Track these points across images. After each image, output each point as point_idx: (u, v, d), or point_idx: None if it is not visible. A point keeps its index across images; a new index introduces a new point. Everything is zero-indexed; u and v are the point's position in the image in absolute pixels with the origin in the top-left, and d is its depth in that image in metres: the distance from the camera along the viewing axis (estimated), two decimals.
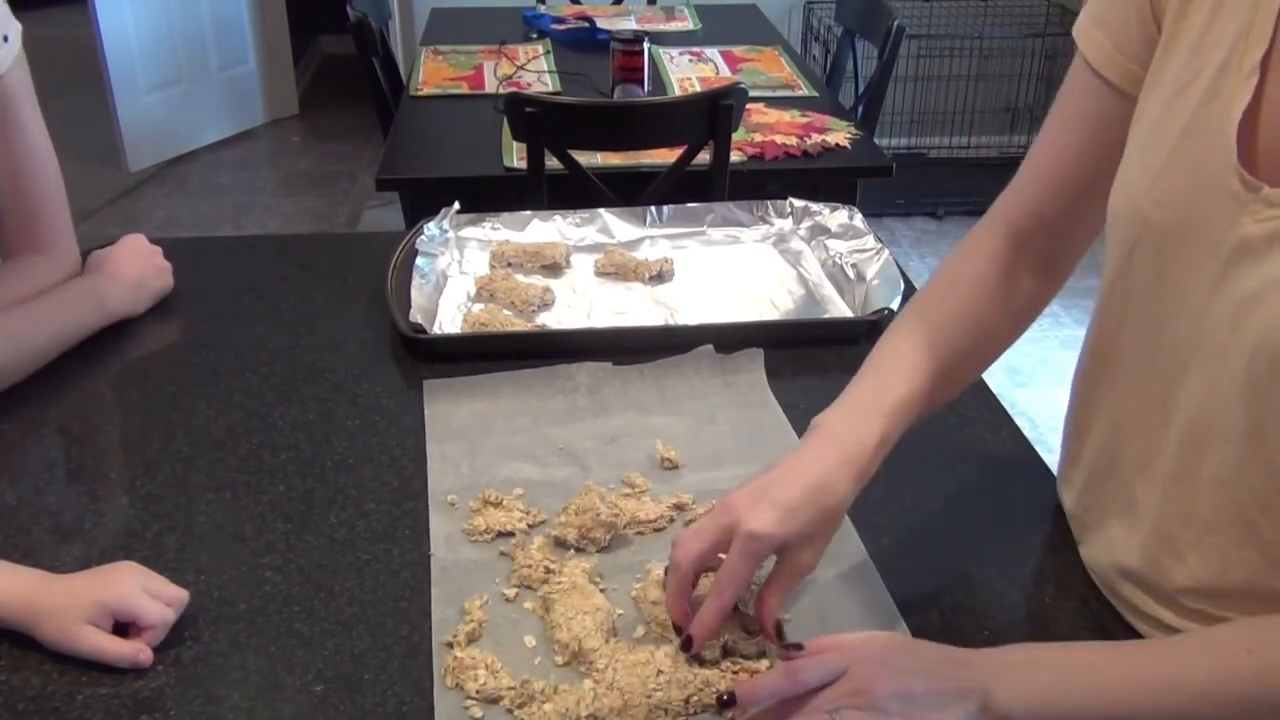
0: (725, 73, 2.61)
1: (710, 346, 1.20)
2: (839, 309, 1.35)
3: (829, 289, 1.39)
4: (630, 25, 2.94)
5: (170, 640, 0.83)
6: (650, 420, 1.11)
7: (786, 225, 1.52)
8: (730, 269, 1.44)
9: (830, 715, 0.70)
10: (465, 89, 2.49)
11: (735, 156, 2.03)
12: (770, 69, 2.64)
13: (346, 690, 0.80)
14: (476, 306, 1.33)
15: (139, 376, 1.20)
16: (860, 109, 2.68)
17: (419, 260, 1.34)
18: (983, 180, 4.22)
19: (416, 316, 1.23)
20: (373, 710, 0.78)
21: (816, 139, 2.16)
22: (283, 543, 0.95)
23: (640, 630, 0.85)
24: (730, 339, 1.22)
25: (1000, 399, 1.17)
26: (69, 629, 0.81)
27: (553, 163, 1.93)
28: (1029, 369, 3.07)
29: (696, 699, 0.77)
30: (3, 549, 0.92)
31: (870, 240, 1.40)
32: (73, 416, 1.14)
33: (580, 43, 2.82)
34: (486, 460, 1.05)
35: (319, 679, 0.81)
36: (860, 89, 2.84)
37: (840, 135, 2.19)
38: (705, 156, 1.98)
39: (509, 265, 1.42)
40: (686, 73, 2.59)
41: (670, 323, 1.32)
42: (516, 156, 2.05)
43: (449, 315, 1.31)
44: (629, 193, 1.88)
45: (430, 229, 1.41)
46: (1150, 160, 0.77)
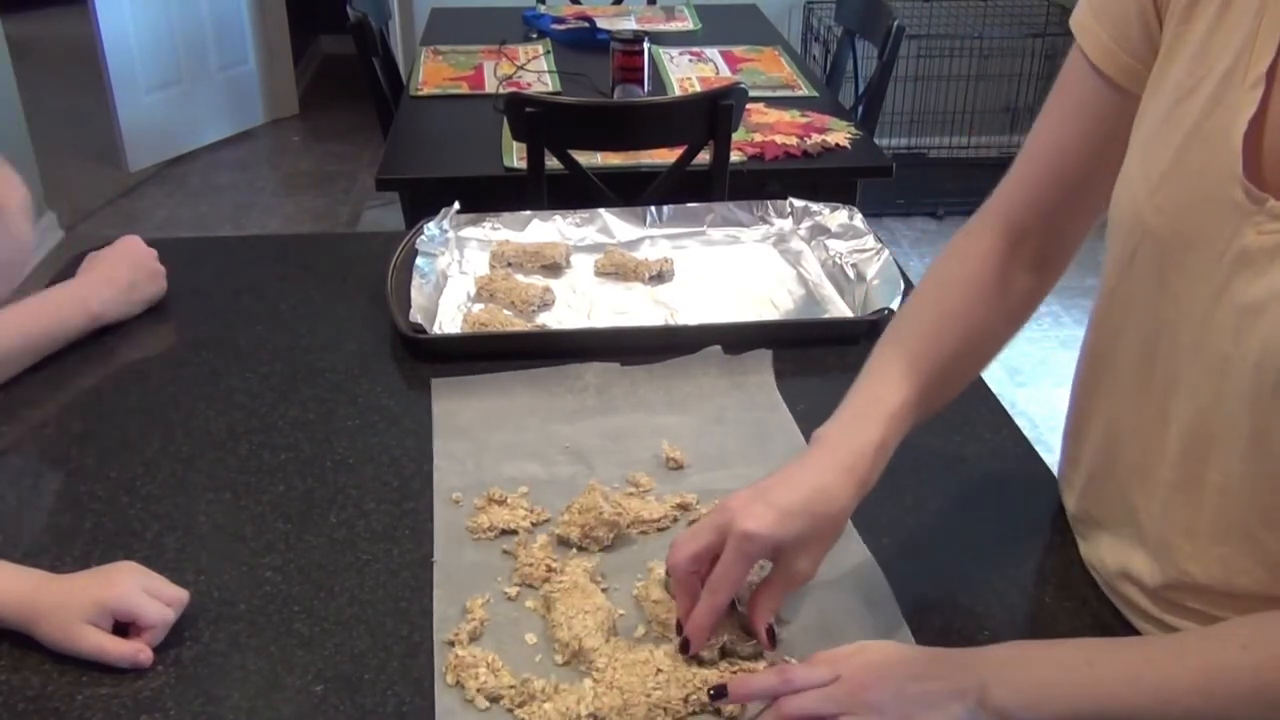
0: (725, 73, 2.61)
1: (719, 347, 1.20)
2: (839, 309, 1.35)
3: (829, 289, 1.39)
4: (630, 25, 2.94)
5: (170, 640, 0.83)
6: (657, 420, 1.11)
7: (786, 225, 1.52)
8: (730, 269, 1.44)
9: None
10: (465, 89, 2.49)
11: (735, 156, 2.03)
12: (770, 69, 2.64)
13: (346, 690, 0.80)
14: (476, 306, 1.33)
15: (139, 377, 1.20)
16: (860, 109, 2.68)
17: (419, 260, 1.34)
18: (983, 180, 4.20)
19: (416, 316, 1.23)
20: (373, 710, 0.78)
21: (816, 139, 2.16)
22: (283, 543, 0.95)
23: (640, 630, 0.85)
24: (730, 339, 1.22)
25: (1000, 399, 1.17)
26: (69, 629, 0.81)
27: (553, 163, 1.93)
28: (1029, 369, 3.07)
29: (696, 698, 0.77)
30: (3, 549, 0.92)
31: (870, 240, 1.40)
32: (73, 416, 1.14)
33: (580, 43, 2.82)
34: (492, 458, 1.05)
35: (319, 679, 0.81)
36: (860, 89, 2.84)
37: (840, 135, 2.19)
38: (705, 156, 1.98)
39: (509, 265, 1.42)
40: (686, 73, 2.59)
41: (670, 323, 1.32)
42: (516, 156, 2.05)
43: (449, 315, 1.31)
44: (629, 193, 1.88)
45: (430, 229, 1.41)
46: (1151, 167, 0.76)
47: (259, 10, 4.77)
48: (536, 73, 2.59)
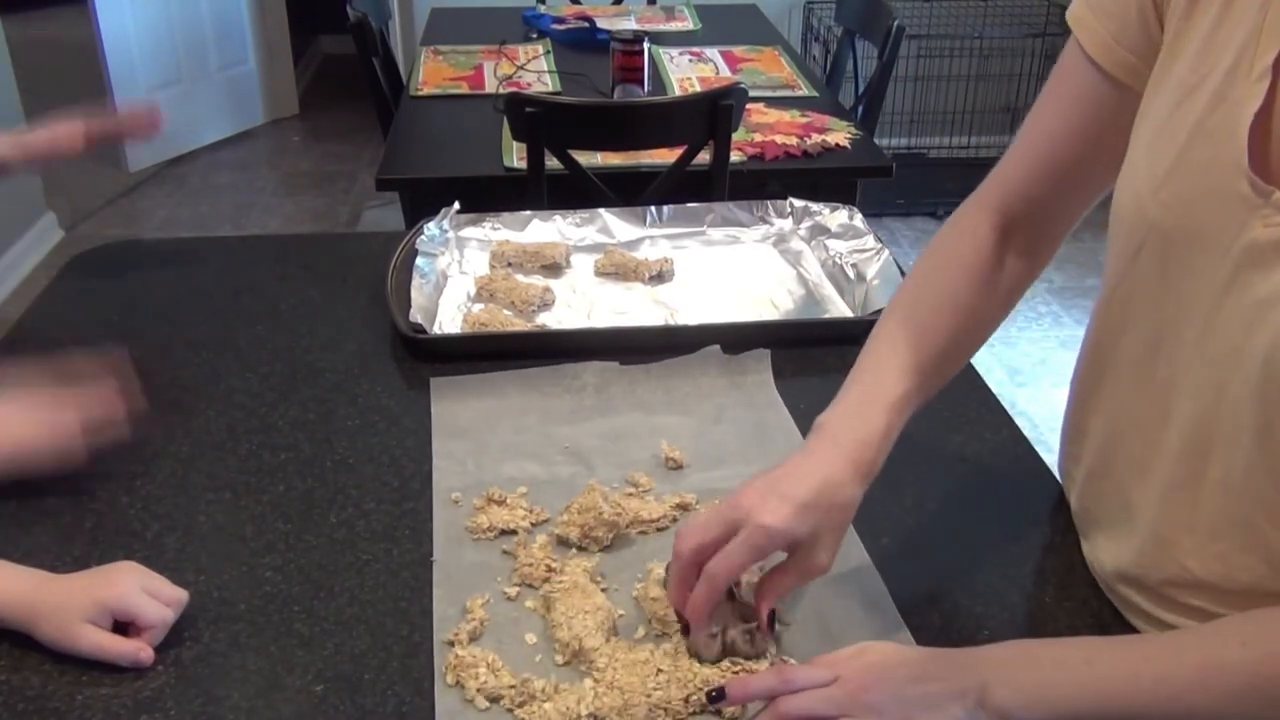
0: (725, 73, 2.61)
1: (717, 347, 1.20)
2: (839, 309, 1.35)
3: (829, 289, 1.39)
4: (630, 25, 2.94)
5: (170, 640, 0.83)
6: (656, 420, 1.11)
7: (786, 225, 1.52)
8: (730, 269, 1.44)
9: None
10: (465, 89, 2.49)
11: (735, 156, 2.03)
12: (770, 69, 2.64)
13: (346, 690, 0.80)
14: (476, 306, 1.33)
15: (139, 377, 1.19)
16: (860, 109, 2.68)
17: (419, 260, 1.34)
18: (982, 180, 4.25)
19: (416, 316, 1.23)
20: (373, 710, 0.78)
21: (816, 139, 2.16)
22: (283, 543, 0.95)
23: (641, 630, 0.85)
24: (730, 339, 1.22)
25: (1000, 399, 1.17)
26: (69, 628, 0.81)
27: (553, 163, 1.93)
28: (1029, 369, 3.07)
29: (696, 698, 0.77)
30: (3, 549, 0.92)
31: (870, 240, 1.40)
32: None
33: (580, 43, 2.82)
34: (492, 458, 1.05)
35: (319, 679, 0.81)
36: (860, 89, 2.84)
37: (840, 135, 2.19)
38: (705, 156, 1.98)
39: (509, 265, 1.42)
40: (686, 73, 2.59)
41: (670, 323, 1.32)
42: (516, 156, 2.05)
43: (449, 315, 1.31)
44: (629, 193, 1.88)
45: (430, 229, 1.41)
46: (1157, 163, 0.76)
47: (259, 10, 4.77)
48: (536, 73, 2.59)
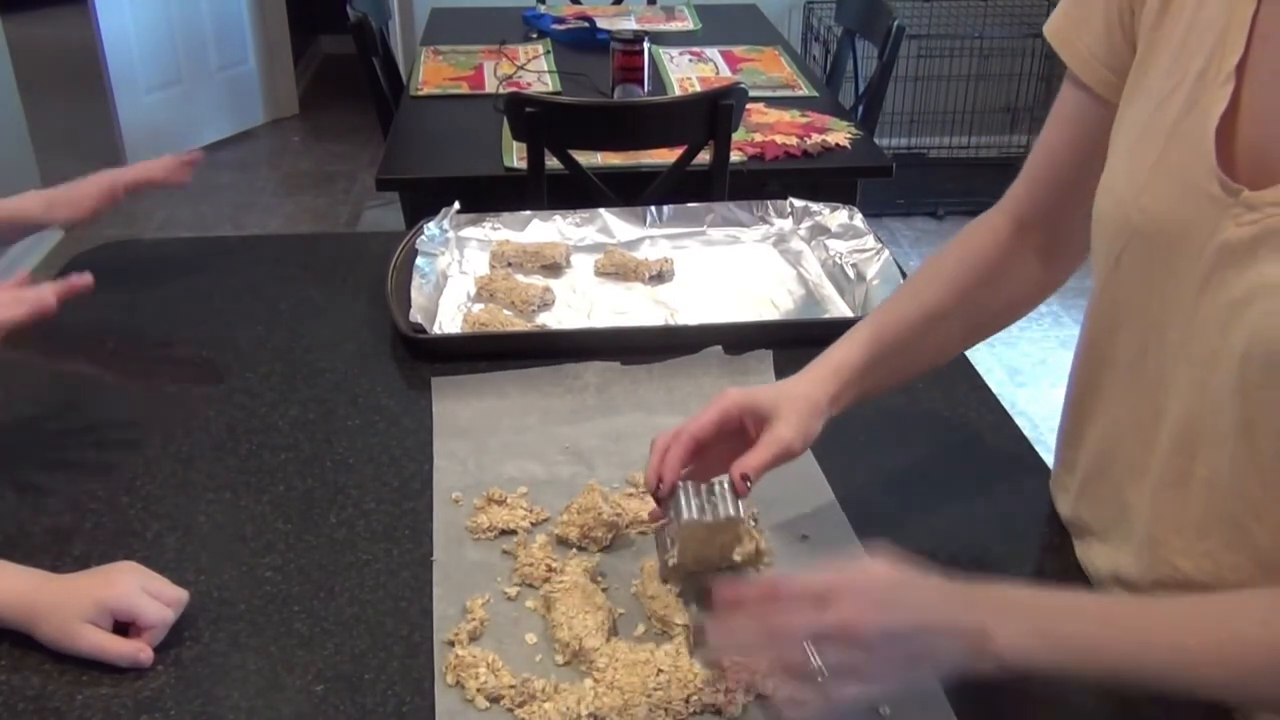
0: (725, 73, 2.61)
1: (719, 347, 1.20)
2: (839, 309, 1.35)
3: (829, 289, 1.39)
4: (630, 25, 2.94)
5: (170, 640, 0.83)
6: (657, 420, 1.11)
7: (786, 225, 1.52)
8: (730, 269, 1.44)
9: (812, 652, 0.67)
10: (465, 89, 2.49)
11: (735, 156, 2.03)
12: (770, 69, 2.64)
13: (346, 690, 0.80)
14: (476, 306, 1.33)
15: (139, 377, 1.20)
16: (860, 109, 2.68)
17: (419, 260, 1.34)
18: (983, 180, 4.25)
19: (416, 316, 1.23)
20: (373, 710, 0.78)
21: (816, 139, 2.15)
22: (283, 543, 0.95)
23: (640, 629, 0.85)
24: (730, 339, 1.22)
25: (1000, 399, 1.17)
26: (69, 628, 0.81)
27: (553, 163, 1.93)
28: (1029, 369, 3.07)
29: (696, 698, 0.77)
30: (3, 549, 0.92)
31: (870, 240, 1.40)
32: (73, 415, 1.14)
33: (580, 43, 2.82)
34: (492, 458, 1.05)
35: (319, 679, 0.81)
36: (860, 89, 2.84)
37: (840, 135, 2.19)
38: (705, 156, 1.98)
39: (509, 265, 1.42)
40: (686, 73, 2.59)
41: (670, 323, 1.32)
42: (516, 156, 2.05)
43: (449, 315, 1.31)
44: (629, 193, 1.88)
45: (430, 229, 1.41)
46: (1135, 168, 0.78)
47: (259, 10, 4.77)
48: (536, 73, 2.59)
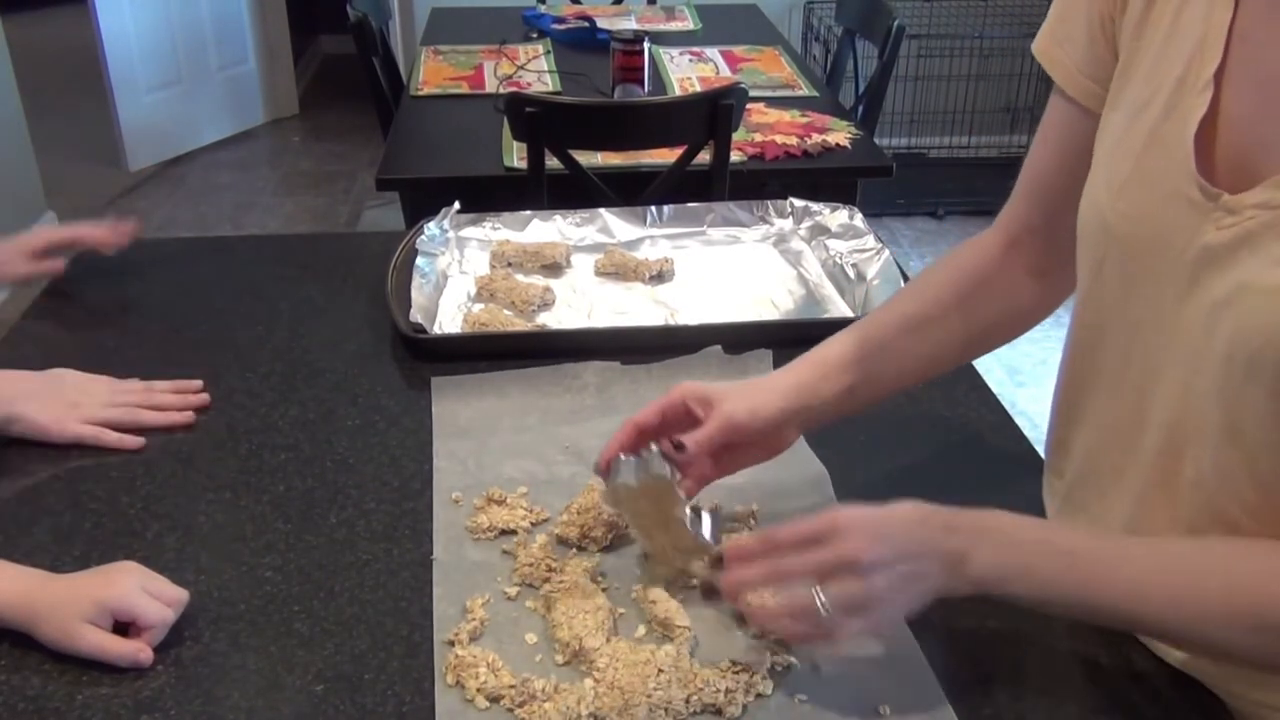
0: (725, 73, 2.61)
1: (719, 347, 1.20)
2: (839, 309, 1.35)
3: (829, 289, 1.39)
4: (630, 25, 2.94)
5: (170, 640, 0.83)
6: None
7: (786, 225, 1.52)
8: (730, 269, 1.44)
9: (816, 591, 0.73)
10: (465, 89, 2.49)
11: (735, 156, 2.03)
12: (770, 69, 2.64)
13: (346, 690, 0.80)
14: (476, 306, 1.33)
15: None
16: (860, 109, 2.68)
17: (419, 260, 1.34)
18: (983, 180, 4.26)
19: (416, 316, 1.23)
20: (373, 710, 0.78)
21: (816, 139, 2.16)
22: (283, 543, 0.95)
23: (641, 630, 0.85)
24: (730, 339, 1.22)
25: (1000, 399, 1.17)
26: (69, 628, 0.81)
27: (553, 163, 1.93)
28: (1029, 369, 3.07)
29: (696, 698, 0.77)
30: (3, 549, 0.92)
31: (870, 240, 1.40)
32: None
33: (580, 43, 2.82)
34: (492, 458, 1.05)
35: (319, 679, 0.81)
36: (860, 89, 2.84)
37: (840, 135, 2.19)
38: (705, 156, 1.98)
39: (509, 265, 1.42)
40: (686, 73, 2.59)
41: (670, 323, 1.32)
42: (516, 156, 2.05)
43: (449, 315, 1.31)
44: (629, 193, 1.88)
45: (430, 229, 1.41)
46: (1114, 176, 0.79)
47: (259, 10, 4.77)
48: (536, 72, 2.59)
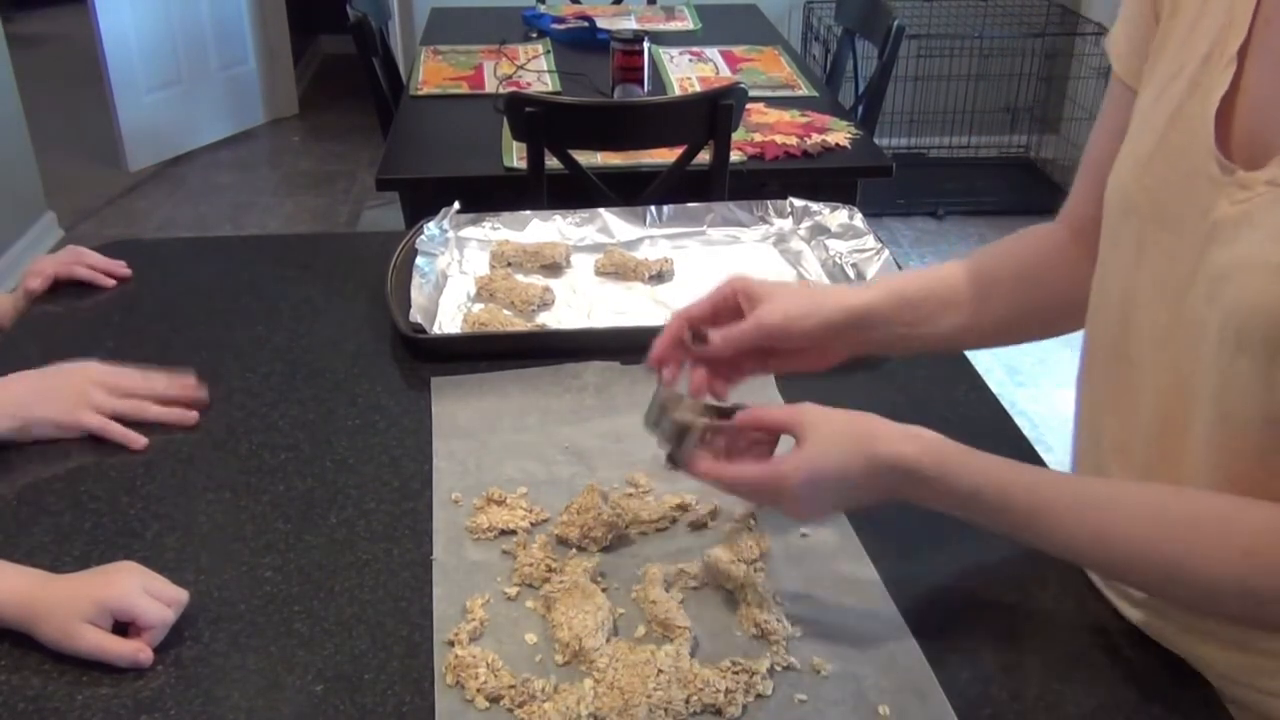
0: (725, 73, 2.61)
1: None
2: None
3: None
4: (630, 25, 2.95)
5: (170, 640, 0.83)
6: None
7: (786, 225, 1.52)
8: (730, 269, 1.44)
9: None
10: (465, 89, 2.50)
11: (735, 156, 2.03)
12: (770, 69, 2.64)
13: (346, 690, 0.80)
14: (476, 306, 1.33)
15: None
16: (860, 109, 2.68)
17: (419, 260, 1.34)
18: (983, 180, 4.27)
19: (416, 316, 1.23)
20: (373, 710, 0.78)
21: (816, 139, 2.16)
22: (283, 543, 0.95)
23: (641, 630, 0.85)
24: None
25: (1000, 399, 1.17)
26: (69, 628, 0.81)
27: (553, 163, 1.93)
28: (1029, 369, 3.07)
29: (696, 698, 0.77)
30: (3, 549, 0.92)
31: (870, 240, 1.40)
32: None
33: (580, 43, 2.82)
34: (492, 458, 1.05)
35: (319, 679, 0.81)
36: (860, 89, 2.84)
37: (840, 135, 2.19)
38: (705, 156, 1.98)
39: (509, 265, 1.42)
40: (686, 73, 2.59)
41: None
42: (516, 156, 2.05)
43: (449, 315, 1.31)
44: (629, 193, 1.88)
45: (430, 229, 1.41)
46: (1139, 150, 0.79)
47: (259, 10, 4.77)
48: (536, 72, 2.59)
